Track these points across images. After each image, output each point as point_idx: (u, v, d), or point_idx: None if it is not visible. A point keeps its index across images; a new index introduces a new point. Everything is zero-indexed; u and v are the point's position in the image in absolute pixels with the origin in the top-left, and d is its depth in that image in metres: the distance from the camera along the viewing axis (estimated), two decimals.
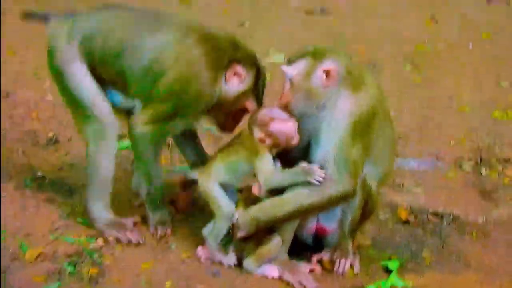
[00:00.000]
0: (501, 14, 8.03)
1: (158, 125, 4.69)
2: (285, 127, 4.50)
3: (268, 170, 4.53)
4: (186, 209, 5.12)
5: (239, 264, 4.71)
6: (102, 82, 4.74)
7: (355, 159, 4.48)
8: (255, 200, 4.65)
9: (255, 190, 4.57)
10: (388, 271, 4.74)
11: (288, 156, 4.62)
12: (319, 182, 4.43)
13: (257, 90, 4.75)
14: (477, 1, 8.28)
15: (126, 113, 4.84)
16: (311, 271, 4.74)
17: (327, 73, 4.48)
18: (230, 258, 4.71)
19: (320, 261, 4.82)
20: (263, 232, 4.67)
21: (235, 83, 4.68)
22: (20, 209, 5.02)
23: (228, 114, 4.80)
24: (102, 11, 4.92)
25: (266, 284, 4.61)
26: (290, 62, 4.59)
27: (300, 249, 4.79)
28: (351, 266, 4.79)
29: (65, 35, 4.74)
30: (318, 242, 4.86)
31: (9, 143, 5.69)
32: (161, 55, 4.64)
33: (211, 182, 4.68)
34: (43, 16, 4.94)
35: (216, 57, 4.64)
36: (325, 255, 4.84)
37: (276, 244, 4.67)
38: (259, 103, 4.77)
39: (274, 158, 4.58)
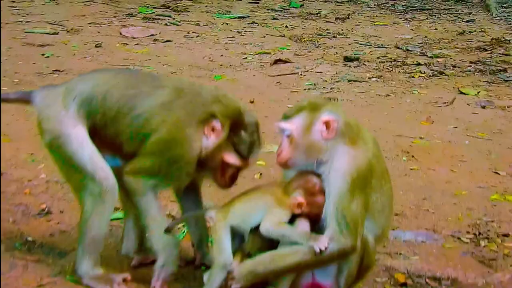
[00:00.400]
0: (498, 118, 8.14)
1: (144, 178, 4.68)
2: None
3: (278, 221, 4.48)
4: None
5: None
6: (98, 147, 4.74)
7: (354, 216, 4.42)
8: (252, 253, 4.60)
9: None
10: None
11: None
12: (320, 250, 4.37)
13: (237, 142, 4.68)
14: (472, 107, 8.40)
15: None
16: None
17: (327, 124, 4.43)
18: None
19: None
20: (258, 285, 4.59)
21: (212, 138, 4.65)
22: (8, 268, 4.95)
23: (215, 170, 4.75)
24: (97, 74, 5.00)
25: None
26: (286, 118, 4.52)
27: None
28: None
29: (60, 102, 4.76)
30: None
31: None
32: (150, 116, 4.68)
33: (224, 224, 4.61)
34: (21, 96, 5.01)
35: (198, 116, 4.64)
36: None
37: None
38: (243, 156, 4.69)
39: None
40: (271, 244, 4.57)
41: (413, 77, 9.23)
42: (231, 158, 4.69)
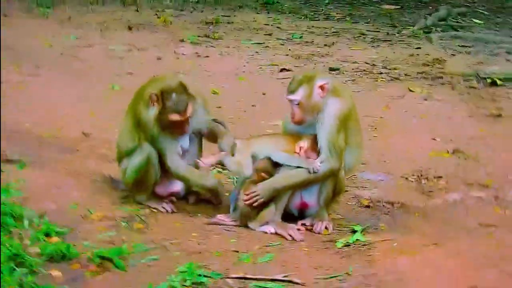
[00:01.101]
0: (435, 107, 8.01)
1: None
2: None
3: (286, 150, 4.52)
4: None
5: (245, 226, 4.55)
6: None
7: (340, 146, 4.44)
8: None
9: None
10: (354, 232, 4.53)
11: None
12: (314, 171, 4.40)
13: (172, 104, 4.53)
14: (418, 99, 8.26)
15: None
16: (298, 229, 4.55)
17: (322, 87, 4.43)
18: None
19: (303, 225, 4.64)
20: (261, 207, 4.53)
21: (154, 107, 4.56)
22: (91, 193, 4.91)
23: (171, 126, 4.61)
24: None
25: (265, 236, 4.48)
26: (292, 92, 4.48)
27: (289, 219, 4.62)
28: (326, 228, 4.61)
29: None
30: (302, 214, 4.70)
31: (86, 159, 5.59)
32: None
33: (247, 149, 4.56)
34: None
35: (148, 96, 4.58)
36: (307, 221, 4.67)
37: (272, 210, 4.53)
38: (180, 111, 4.55)
39: None
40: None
41: (376, 81, 9.11)
42: (173, 116, 4.55)
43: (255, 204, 4.46)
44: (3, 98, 6.86)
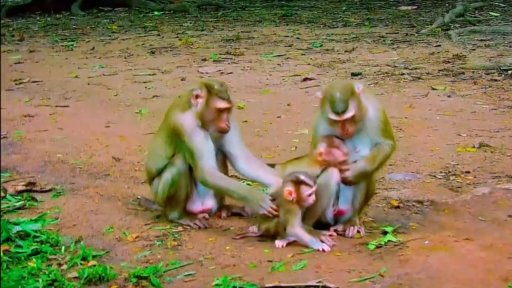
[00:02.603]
0: (458, 103, 7.96)
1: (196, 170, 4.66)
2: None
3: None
4: None
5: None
6: None
7: (391, 130, 4.67)
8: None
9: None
10: (385, 233, 4.51)
11: None
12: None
13: (217, 93, 4.56)
14: (441, 97, 8.21)
15: None
16: (330, 235, 4.54)
17: (361, 92, 4.51)
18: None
19: (335, 231, 4.63)
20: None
21: (199, 101, 4.59)
22: (124, 215, 4.95)
23: (215, 120, 4.62)
24: None
25: (298, 244, 4.44)
26: (344, 112, 4.43)
27: (322, 227, 4.61)
28: (358, 232, 4.59)
29: None
30: (335, 221, 4.70)
31: (118, 183, 5.64)
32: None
33: (282, 171, 4.66)
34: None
35: (186, 98, 4.65)
36: (339, 227, 4.66)
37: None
38: (227, 99, 4.59)
39: None
40: None
41: (399, 82, 9.07)
42: (221, 104, 4.58)
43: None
44: (35, 132, 7.00)
